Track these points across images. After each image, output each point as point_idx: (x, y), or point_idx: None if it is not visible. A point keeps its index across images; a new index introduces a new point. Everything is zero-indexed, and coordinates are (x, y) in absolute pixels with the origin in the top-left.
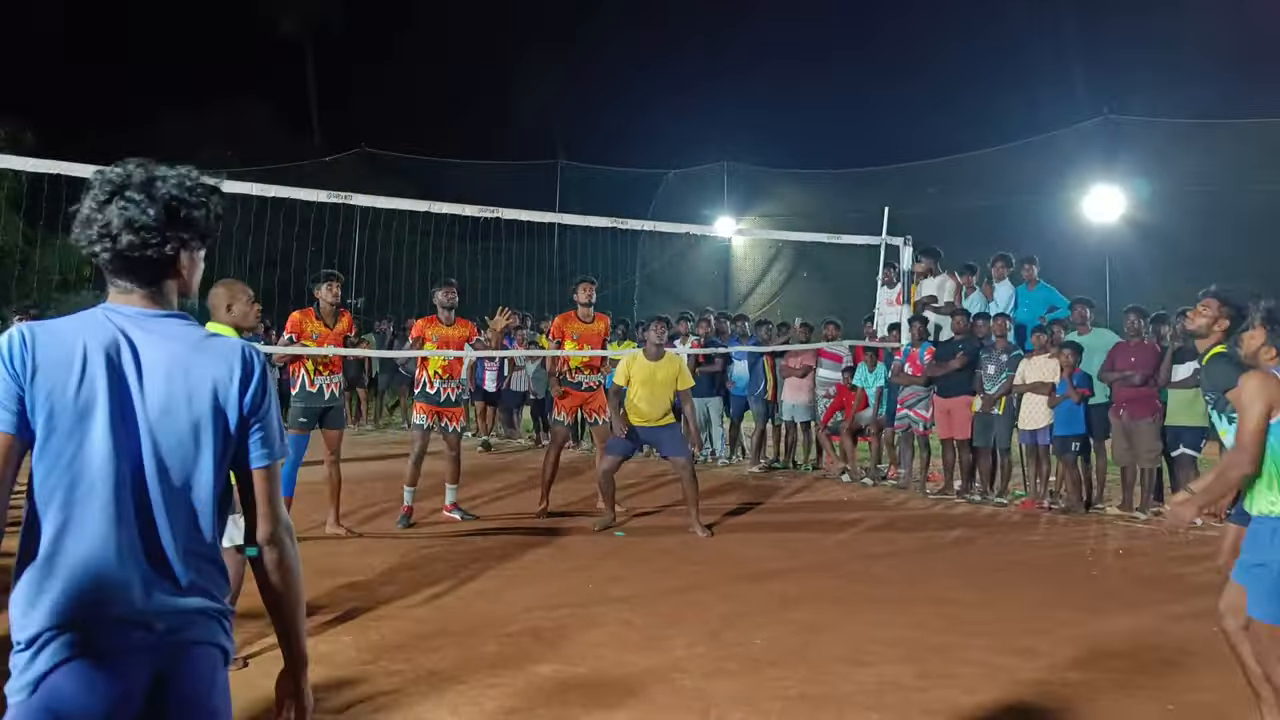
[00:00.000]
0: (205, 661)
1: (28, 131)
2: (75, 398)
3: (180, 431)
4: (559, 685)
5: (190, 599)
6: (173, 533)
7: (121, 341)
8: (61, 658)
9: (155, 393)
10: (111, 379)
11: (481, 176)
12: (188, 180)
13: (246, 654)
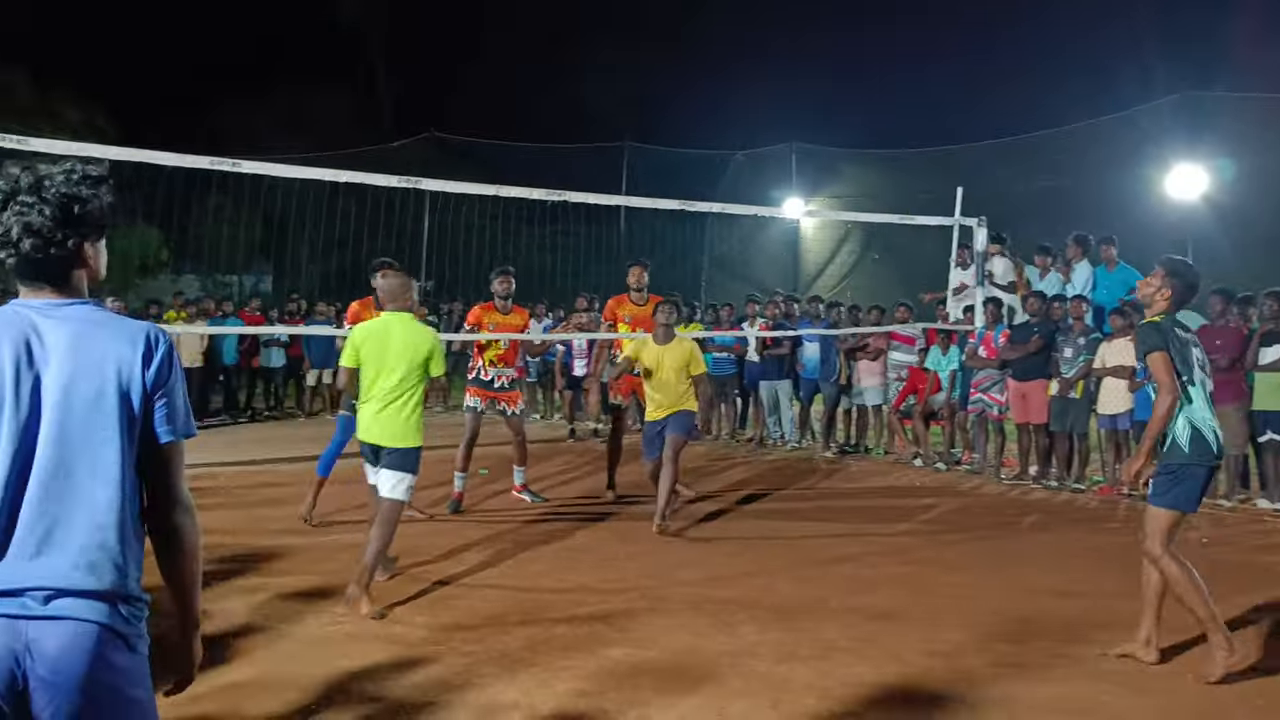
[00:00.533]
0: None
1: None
2: None
3: (84, 406)
4: (630, 669)
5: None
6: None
7: (30, 331)
8: None
9: (60, 371)
10: (17, 364)
11: (549, 160)
12: (74, 175)
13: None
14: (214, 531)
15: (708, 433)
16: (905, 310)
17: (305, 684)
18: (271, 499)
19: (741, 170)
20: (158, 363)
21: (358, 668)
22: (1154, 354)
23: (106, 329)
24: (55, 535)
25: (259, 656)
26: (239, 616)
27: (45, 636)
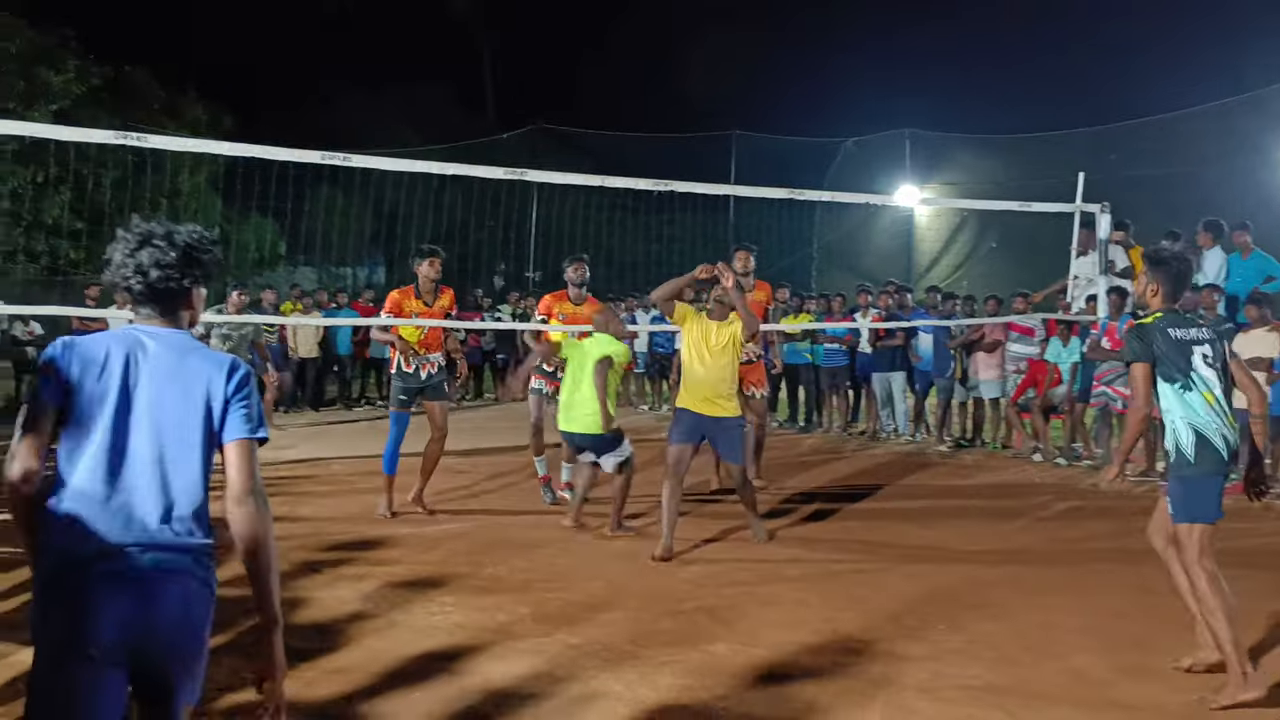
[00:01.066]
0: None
1: (226, 115)
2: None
3: (175, 410)
4: (736, 664)
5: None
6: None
7: (137, 346)
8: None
9: (154, 381)
10: (125, 368)
11: (657, 150)
12: (195, 233)
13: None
14: (325, 519)
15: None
16: (1023, 300)
17: (411, 671)
18: (382, 488)
19: (852, 158)
20: (238, 380)
21: (463, 656)
22: (1134, 365)
23: (199, 354)
24: (148, 504)
25: (367, 643)
26: (349, 604)
27: (144, 589)
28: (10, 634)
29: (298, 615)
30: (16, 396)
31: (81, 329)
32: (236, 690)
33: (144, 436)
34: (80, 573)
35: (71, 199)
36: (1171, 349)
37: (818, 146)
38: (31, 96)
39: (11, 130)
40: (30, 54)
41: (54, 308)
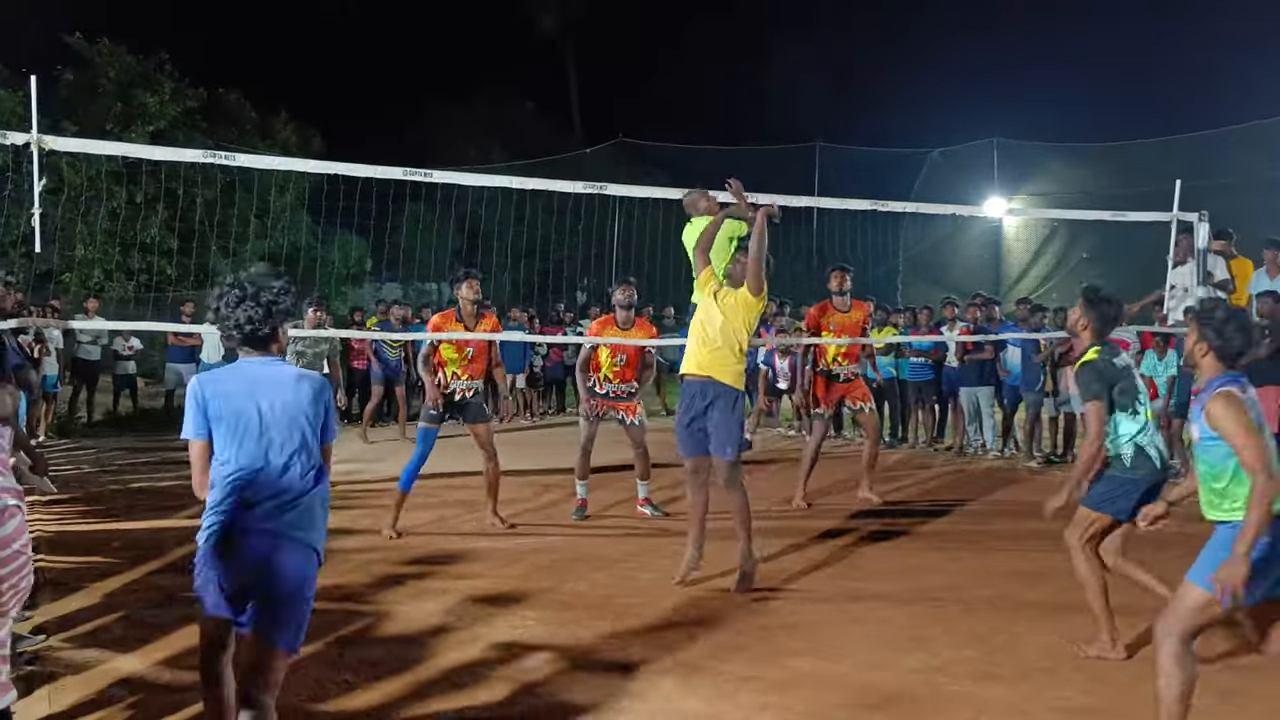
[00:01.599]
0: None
1: (316, 136)
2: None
3: (286, 420)
4: (817, 682)
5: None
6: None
7: (252, 375)
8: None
9: (270, 400)
10: (250, 394)
11: (739, 162)
12: (275, 289)
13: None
14: (413, 533)
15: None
16: None
17: (493, 684)
18: (461, 500)
19: (938, 169)
20: (326, 400)
21: (543, 671)
22: (1090, 403)
23: (293, 377)
24: (278, 494)
25: (450, 656)
26: (433, 617)
27: (273, 553)
28: (111, 645)
29: (381, 628)
30: (117, 409)
31: (177, 343)
32: (320, 701)
33: (267, 444)
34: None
35: (167, 218)
36: (1126, 378)
37: (903, 157)
38: (129, 119)
39: (110, 151)
40: (128, 78)
41: (152, 323)
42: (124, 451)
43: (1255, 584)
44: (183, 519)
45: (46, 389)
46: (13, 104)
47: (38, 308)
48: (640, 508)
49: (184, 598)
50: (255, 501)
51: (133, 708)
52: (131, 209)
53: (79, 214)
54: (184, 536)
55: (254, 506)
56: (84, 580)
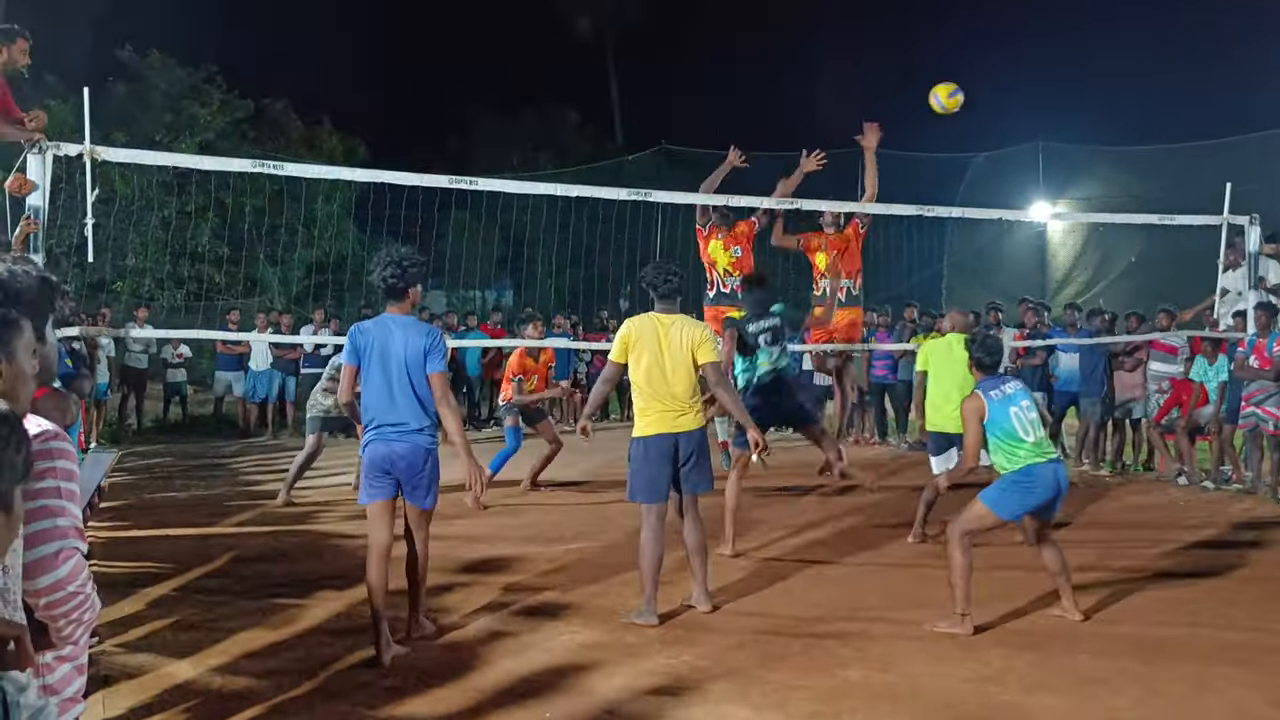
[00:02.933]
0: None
1: (360, 145)
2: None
3: (414, 359)
4: (868, 692)
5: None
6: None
7: (390, 324)
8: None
9: (400, 344)
10: (384, 339)
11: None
12: (409, 258)
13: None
14: (456, 539)
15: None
16: (1166, 316)
17: (542, 691)
18: (512, 507)
19: (982, 173)
20: (437, 340)
21: (591, 677)
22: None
23: (417, 327)
24: (403, 409)
25: (500, 663)
26: (481, 625)
27: (400, 447)
28: (163, 650)
29: (431, 633)
30: (166, 416)
31: (226, 351)
32: (371, 707)
33: (398, 377)
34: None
35: (216, 226)
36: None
37: (948, 162)
38: (178, 129)
39: (161, 161)
40: (178, 90)
41: (198, 332)
42: (174, 459)
43: (1013, 507)
44: (230, 526)
45: (98, 396)
46: (65, 115)
47: (89, 316)
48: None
49: (235, 605)
50: (381, 417)
51: (187, 712)
52: (181, 218)
53: (131, 223)
54: (232, 543)
55: (382, 422)
56: (135, 586)
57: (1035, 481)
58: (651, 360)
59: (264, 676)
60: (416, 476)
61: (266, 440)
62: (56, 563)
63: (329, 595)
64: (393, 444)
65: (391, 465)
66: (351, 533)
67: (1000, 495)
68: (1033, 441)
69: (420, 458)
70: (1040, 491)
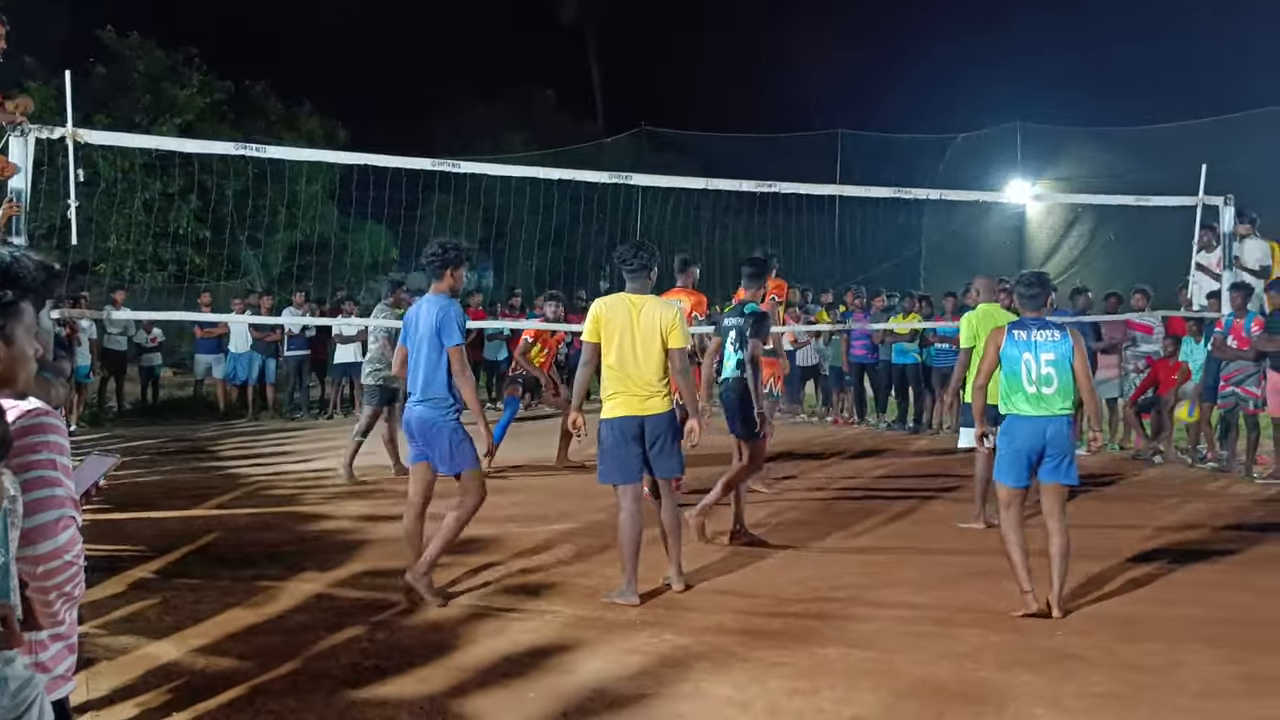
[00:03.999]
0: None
1: (341, 127)
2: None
3: (430, 333)
4: (845, 668)
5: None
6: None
7: (422, 304)
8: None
9: (425, 320)
10: (417, 316)
11: (761, 150)
12: (450, 242)
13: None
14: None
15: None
16: (1142, 297)
17: (524, 670)
18: (495, 488)
19: (961, 154)
20: (447, 315)
21: (574, 656)
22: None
23: (438, 303)
24: (420, 380)
25: (484, 642)
26: (464, 603)
27: (415, 413)
28: (146, 632)
29: (413, 615)
30: (144, 400)
31: (204, 335)
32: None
33: (418, 346)
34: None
35: (198, 208)
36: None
37: (926, 143)
38: (158, 111)
39: (144, 144)
40: (158, 72)
41: (178, 314)
42: (154, 441)
43: (1004, 465)
44: (212, 508)
45: (79, 379)
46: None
47: (69, 298)
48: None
49: (218, 587)
50: (409, 386)
51: (169, 694)
52: (163, 201)
53: (113, 205)
54: (214, 525)
55: (410, 391)
56: (117, 568)
57: (1015, 432)
58: (623, 340)
59: (247, 657)
60: (431, 443)
61: (246, 423)
62: (56, 529)
63: (311, 576)
64: (412, 410)
65: (411, 431)
66: (332, 513)
67: (998, 459)
68: (1031, 393)
69: (428, 426)
70: (1021, 440)
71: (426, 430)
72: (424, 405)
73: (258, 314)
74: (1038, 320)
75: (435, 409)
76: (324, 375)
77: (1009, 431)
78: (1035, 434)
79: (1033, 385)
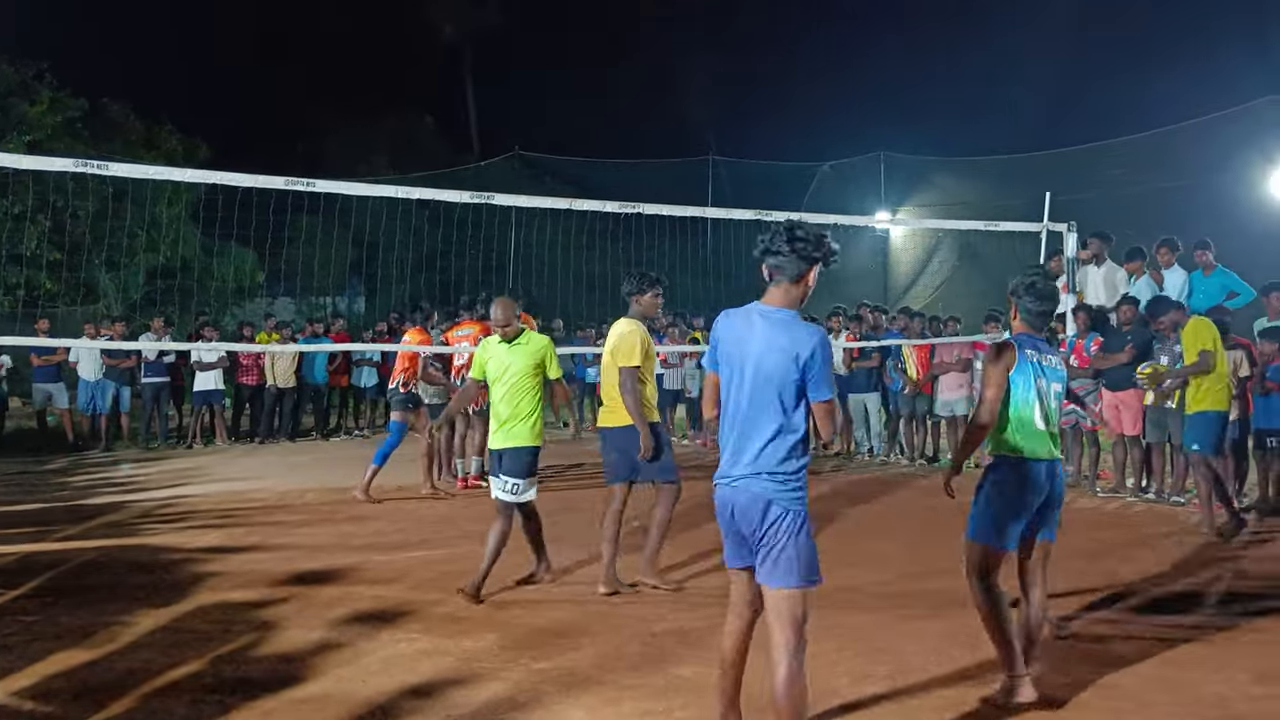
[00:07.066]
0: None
1: (203, 146)
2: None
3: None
4: (700, 687)
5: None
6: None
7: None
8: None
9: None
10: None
11: (636, 176)
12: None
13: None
14: (297, 549)
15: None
16: (994, 325)
17: (376, 700)
18: (356, 516)
19: (828, 181)
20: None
21: (428, 684)
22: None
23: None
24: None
25: (334, 672)
26: (316, 632)
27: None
28: None
29: (262, 646)
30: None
31: (42, 364)
32: None
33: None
34: None
35: (49, 230)
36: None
37: (794, 170)
38: (5, 128)
39: None
40: (5, 87)
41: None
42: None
43: (999, 520)
44: (54, 542)
45: None
46: None
47: None
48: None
49: (55, 625)
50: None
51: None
52: (11, 221)
53: None
54: (57, 559)
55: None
56: None
57: (1021, 480)
58: (607, 359)
59: (81, 696)
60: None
61: (99, 453)
62: None
63: (155, 610)
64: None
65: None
66: (182, 545)
67: (979, 514)
68: (1042, 430)
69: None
70: (1029, 490)
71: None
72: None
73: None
74: (1044, 341)
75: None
76: (182, 403)
77: (1011, 480)
78: (1044, 482)
79: (1042, 421)
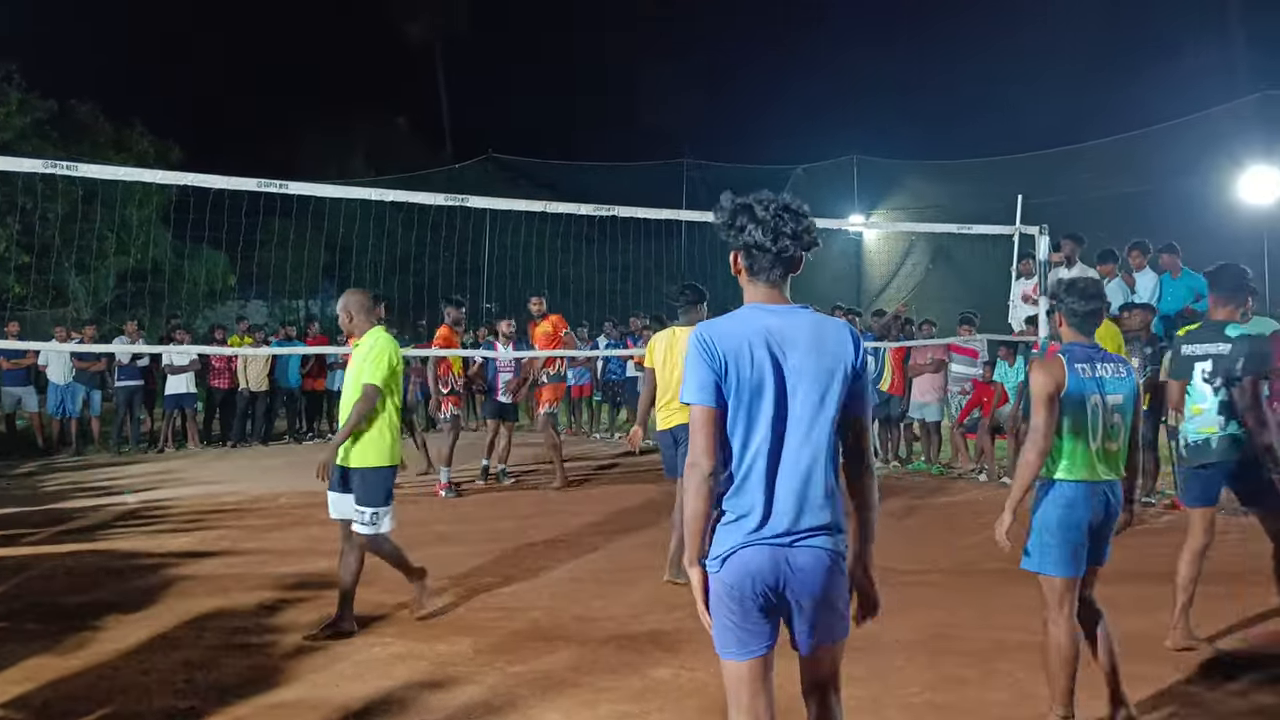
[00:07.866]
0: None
1: (174, 149)
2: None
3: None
4: (676, 689)
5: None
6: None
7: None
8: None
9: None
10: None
11: (610, 179)
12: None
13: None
14: (270, 553)
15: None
16: (968, 328)
17: (350, 705)
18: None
19: (801, 185)
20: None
21: (403, 689)
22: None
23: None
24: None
25: (308, 678)
26: (290, 637)
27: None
28: None
29: (237, 651)
30: None
31: (11, 367)
32: None
33: None
34: None
35: (18, 232)
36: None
37: (768, 174)
38: None
39: None
40: None
41: None
42: None
43: (1060, 547)
44: (24, 547)
45: None
46: None
47: None
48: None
49: (23, 633)
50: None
51: None
52: None
53: None
54: (26, 564)
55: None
56: None
57: (1074, 503)
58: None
59: (51, 704)
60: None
61: (69, 457)
62: None
63: (125, 618)
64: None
65: None
66: (152, 550)
67: (1043, 543)
68: (1096, 448)
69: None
70: (1082, 513)
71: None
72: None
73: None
74: (1098, 349)
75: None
76: (154, 407)
77: (1067, 503)
78: (1098, 504)
79: (1097, 439)
